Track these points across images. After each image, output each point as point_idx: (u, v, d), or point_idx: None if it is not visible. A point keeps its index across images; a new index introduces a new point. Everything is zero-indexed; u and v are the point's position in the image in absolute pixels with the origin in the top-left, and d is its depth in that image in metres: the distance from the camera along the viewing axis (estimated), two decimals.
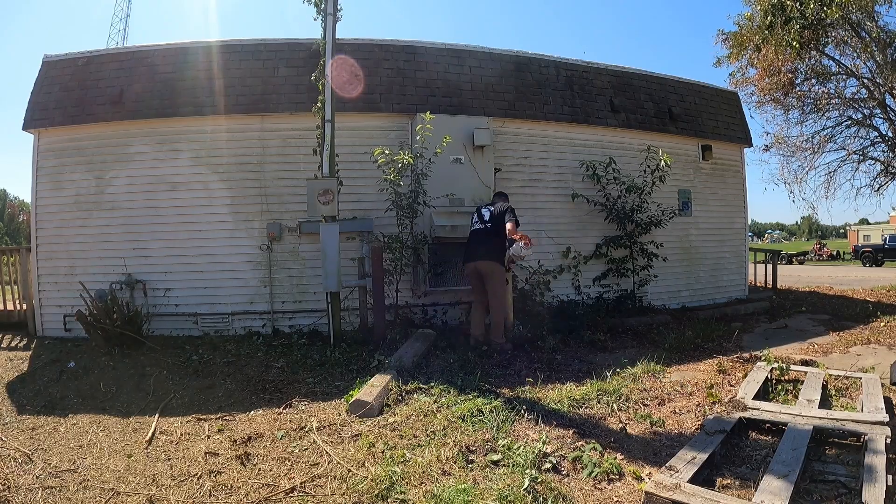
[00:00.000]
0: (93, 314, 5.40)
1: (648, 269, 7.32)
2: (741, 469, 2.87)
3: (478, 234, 5.27)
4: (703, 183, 8.58)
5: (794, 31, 10.14)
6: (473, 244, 5.27)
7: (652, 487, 2.48)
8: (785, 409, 3.54)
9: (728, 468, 2.88)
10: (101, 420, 3.83)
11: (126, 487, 2.78)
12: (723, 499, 2.37)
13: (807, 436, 2.98)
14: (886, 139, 12.28)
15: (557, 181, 7.33)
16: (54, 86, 6.49)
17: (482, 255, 5.18)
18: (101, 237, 6.31)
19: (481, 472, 2.76)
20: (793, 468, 2.59)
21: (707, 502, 2.32)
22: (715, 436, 3.03)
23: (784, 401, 3.95)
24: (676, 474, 2.57)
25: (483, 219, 5.29)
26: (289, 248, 6.44)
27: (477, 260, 5.20)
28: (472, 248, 5.26)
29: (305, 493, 2.65)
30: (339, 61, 5.68)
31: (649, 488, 2.48)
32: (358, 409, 3.67)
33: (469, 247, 5.30)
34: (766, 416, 3.40)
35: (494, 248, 5.21)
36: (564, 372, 4.72)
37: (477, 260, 5.20)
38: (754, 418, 3.39)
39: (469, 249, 5.29)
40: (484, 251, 5.19)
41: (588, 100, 7.64)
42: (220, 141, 6.42)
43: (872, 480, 2.41)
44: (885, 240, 25.13)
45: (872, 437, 2.88)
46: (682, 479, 2.52)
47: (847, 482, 2.60)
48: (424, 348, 5.09)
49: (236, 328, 6.31)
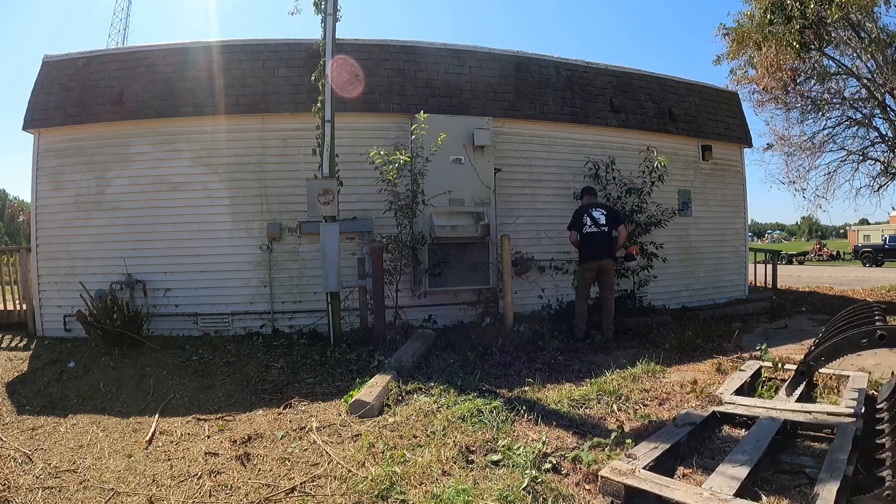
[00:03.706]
0: (93, 314, 5.41)
1: (648, 269, 7.31)
2: (707, 460, 2.91)
3: (598, 236, 5.95)
4: (702, 183, 8.58)
5: (795, 31, 10.14)
6: (596, 245, 5.94)
7: (607, 472, 2.56)
8: (761, 403, 3.57)
9: (695, 459, 2.93)
10: (101, 420, 3.84)
11: (126, 487, 2.78)
12: (673, 484, 2.44)
13: (774, 428, 3.02)
14: (886, 139, 12.27)
15: (557, 181, 7.33)
16: (54, 86, 6.49)
17: (606, 254, 5.94)
18: (102, 237, 6.31)
19: (481, 473, 2.76)
20: (751, 458, 2.64)
21: (657, 486, 2.39)
22: (683, 428, 3.11)
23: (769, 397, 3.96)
24: (635, 461, 2.65)
25: (598, 223, 5.95)
26: (289, 248, 6.44)
27: (602, 259, 5.92)
28: (594, 248, 5.94)
29: (305, 493, 2.66)
30: (339, 61, 5.68)
31: (605, 473, 2.56)
32: (358, 410, 3.67)
33: (590, 247, 5.97)
34: (739, 410, 3.43)
35: (612, 247, 6.02)
36: (564, 372, 4.72)
37: (602, 259, 5.92)
38: (728, 412, 3.43)
39: (592, 250, 5.96)
40: (607, 251, 5.95)
41: (588, 100, 7.64)
42: (220, 141, 6.42)
43: (830, 471, 2.44)
44: (885, 240, 25.12)
45: (841, 430, 2.92)
46: (639, 465, 2.59)
47: (811, 473, 2.63)
48: (424, 348, 5.09)
49: (236, 328, 6.31)
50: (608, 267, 6.00)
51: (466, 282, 6.34)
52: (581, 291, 6.09)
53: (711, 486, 2.37)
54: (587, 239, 5.96)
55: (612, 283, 6.11)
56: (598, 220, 5.94)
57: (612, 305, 6.03)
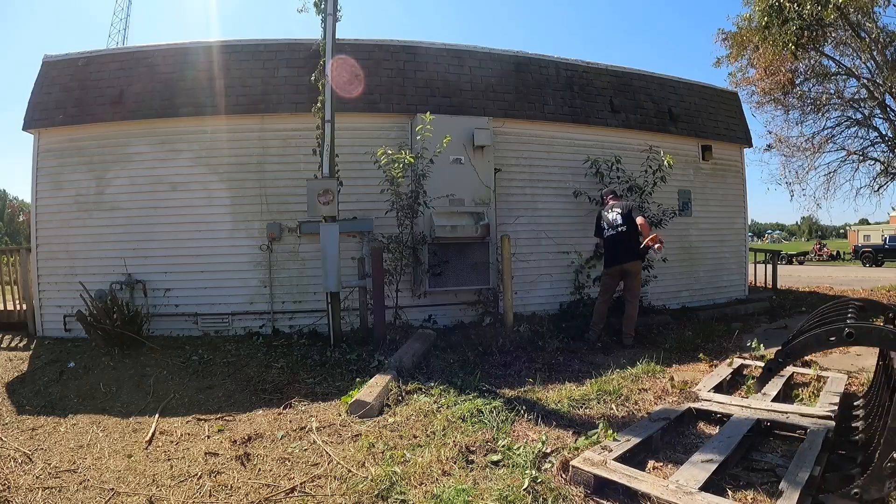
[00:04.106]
0: (93, 314, 5.40)
1: (648, 269, 7.31)
2: (679, 455, 2.95)
3: (616, 239, 5.68)
4: (703, 183, 8.58)
5: (791, 33, 10.15)
6: (615, 248, 5.70)
7: (578, 462, 2.62)
8: (737, 401, 3.60)
9: (668, 453, 2.98)
10: (101, 420, 3.84)
11: (126, 488, 2.78)
12: (641, 476, 2.50)
13: (746, 426, 3.06)
14: (886, 139, 12.28)
15: (558, 181, 7.33)
16: (54, 86, 6.49)
17: (627, 256, 5.65)
18: (101, 237, 6.30)
19: (481, 473, 2.76)
20: (720, 454, 2.69)
21: (625, 477, 2.47)
22: (657, 423, 3.18)
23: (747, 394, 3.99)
24: (607, 453, 2.71)
25: (614, 224, 5.69)
26: (289, 248, 6.44)
27: (624, 262, 5.67)
28: (615, 252, 5.71)
29: (305, 493, 2.65)
30: (339, 61, 5.68)
31: (575, 463, 2.62)
32: (358, 410, 3.67)
33: (611, 251, 5.76)
34: (714, 408, 3.47)
35: (635, 247, 5.63)
36: (564, 372, 4.72)
37: (624, 262, 5.67)
38: (704, 409, 3.48)
39: (613, 254, 5.74)
40: (628, 253, 5.65)
41: (588, 100, 7.64)
42: (220, 141, 6.42)
43: (797, 470, 2.49)
44: (885, 240, 25.13)
45: (813, 430, 2.96)
46: (610, 457, 2.66)
47: (781, 472, 2.67)
48: (424, 348, 5.09)
49: (236, 328, 6.31)
50: (632, 270, 5.74)
51: (466, 282, 6.33)
52: (602, 295, 5.94)
53: (678, 480, 2.43)
54: (609, 243, 5.79)
55: (636, 287, 5.85)
56: (613, 222, 5.75)
57: (634, 311, 5.80)
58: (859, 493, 2.31)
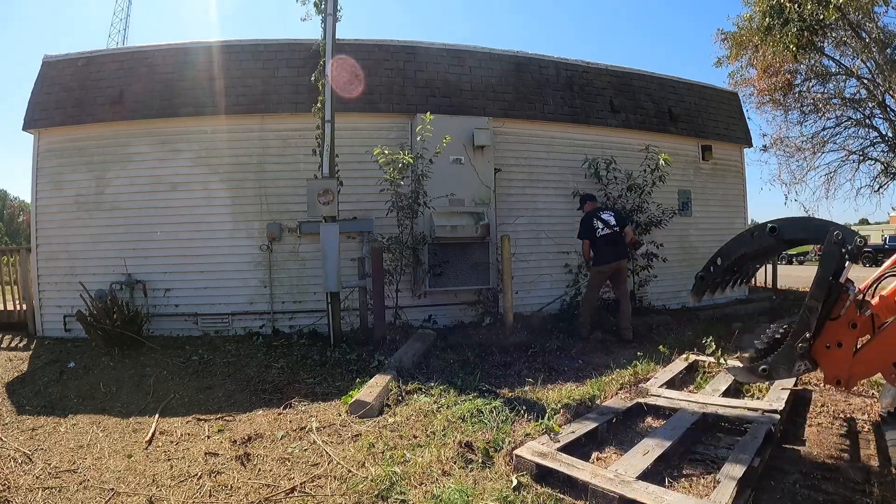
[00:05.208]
0: (93, 314, 5.40)
1: (648, 269, 7.31)
2: (625, 447, 3.01)
3: (610, 238, 5.94)
4: (703, 183, 8.58)
5: (792, 34, 10.14)
6: (610, 246, 5.93)
7: (523, 452, 2.73)
8: (685, 396, 3.67)
9: (614, 446, 3.07)
10: (101, 420, 3.84)
11: (126, 488, 2.78)
12: (581, 465, 2.61)
13: (691, 419, 3.14)
14: (886, 139, 12.28)
15: (557, 181, 7.33)
16: (54, 86, 6.49)
17: (621, 255, 5.99)
18: (101, 237, 6.30)
19: (481, 473, 2.76)
20: (661, 445, 2.77)
21: (566, 466, 2.57)
22: (605, 415, 3.31)
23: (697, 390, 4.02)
24: (552, 444, 2.78)
25: (609, 224, 5.96)
26: (289, 248, 6.43)
27: (619, 259, 5.97)
28: (609, 250, 5.93)
29: (305, 493, 2.65)
30: (339, 61, 5.68)
31: (520, 452, 2.72)
32: (358, 410, 3.67)
33: (606, 249, 5.95)
34: (662, 402, 3.54)
35: (625, 247, 6.06)
36: (565, 372, 4.72)
37: (619, 259, 5.97)
38: (652, 403, 3.54)
39: (607, 252, 5.94)
40: (623, 251, 6.02)
41: (588, 100, 7.64)
42: (220, 141, 6.42)
43: (735, 461, 2.56)
44: (885, 240, 25.10)
45: (756, 424, 3.01)
46: (555, 447, 2.77)
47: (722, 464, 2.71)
48: (424, 348, 5.09)
49: (236, 328, 6.30)
50: (625, 267, 6.14)
51: (466, 282, 6.33)
52: (591, 293, 6.09)
53: (617, 469, 2.52)
54: (603, 242, 5.94)
55: (625, 284, 6.22)
56: (608, 222, 5.96)
57: (629, 306, 6.09)
58: (767, 370, 2.32)
